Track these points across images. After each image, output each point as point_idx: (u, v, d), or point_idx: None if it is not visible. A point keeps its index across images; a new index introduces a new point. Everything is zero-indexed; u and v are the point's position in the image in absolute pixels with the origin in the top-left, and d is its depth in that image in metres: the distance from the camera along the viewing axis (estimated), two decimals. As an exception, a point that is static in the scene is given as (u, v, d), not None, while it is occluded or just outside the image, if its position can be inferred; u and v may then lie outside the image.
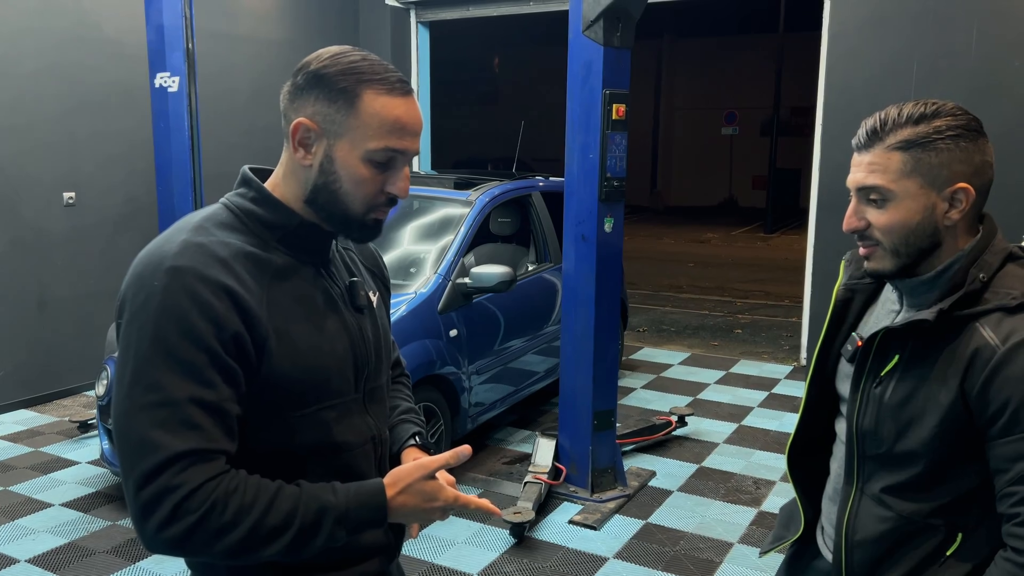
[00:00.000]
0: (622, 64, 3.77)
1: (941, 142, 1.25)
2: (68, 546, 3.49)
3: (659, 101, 23.21)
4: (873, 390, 1.37)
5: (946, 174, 1.26)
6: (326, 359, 1.20)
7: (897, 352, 1.34)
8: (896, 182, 1.28)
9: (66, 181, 5.36)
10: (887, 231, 1.30)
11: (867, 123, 1.32)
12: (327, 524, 1.11)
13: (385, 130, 1.15)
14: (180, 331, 1.06)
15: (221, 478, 1.07)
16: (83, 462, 4.36)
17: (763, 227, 17.71)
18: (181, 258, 1.10)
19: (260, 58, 6.58)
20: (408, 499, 1.16)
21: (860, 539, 1.40)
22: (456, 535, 3.62)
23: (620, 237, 3.96)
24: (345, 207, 1.19)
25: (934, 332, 1.29)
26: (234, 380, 1.10)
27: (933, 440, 1.28)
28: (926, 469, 1.31)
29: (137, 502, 1.05)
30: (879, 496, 1.38)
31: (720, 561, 3.44)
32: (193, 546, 1.06)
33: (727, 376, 6.18)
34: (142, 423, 1.05)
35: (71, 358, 5.44)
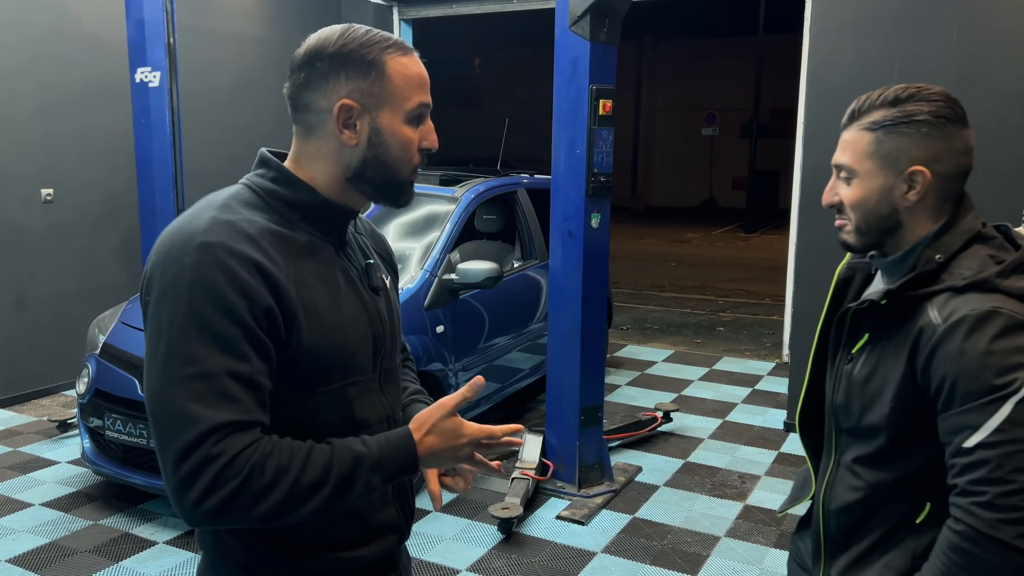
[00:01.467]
0: (608, 60, 3.78)
1: (904, 126, 1.31)
2: (49, 546, 3.44)
3: (640, 102, 23.32)
4: (844, 367, 1.45)
5: (904, 158, 1.32)
6: (350, 336, 1.22)
7: (867, 331, 1.41)
8: (859, 161, 1.36)
9: (44, 177, 5.28)
10: (852, 207, 1.39)
11: (852, 104, 1.40)
12: (363, 472, 1.13)
13: (414, 88, 1.21)
14: (214, 305, 1.06)
15: (256, 444, 1.08)
16: (63, 461, 4.30)
17: (743, 227, 17.85)
18: (211, 234, 1.10)
19: (242, 55, 6.53)
20: (434, 439, 1.18)
21: (835, 507, 1.47)
22: (444, 531, 3.61)
23: (607, 233, 3.97)
24: (396, 173, 1.23)
25: (894, 312, 1.35)
26: (266, 354, 1.11)
27: (891, 415, 1.35)
28: (888, 442, 1.37)
29: (176, 475, 1.05)
30: (851, 466, 1.45)
31: (707, 554, 3.46)
32: (235, 513, 1.06)
33: (710, 373, 6.22)
34: (179, 396, 1.05)
35: (49, 357, 5.36)
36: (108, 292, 5.60)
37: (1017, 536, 1.20)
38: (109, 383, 3.65)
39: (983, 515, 1.22)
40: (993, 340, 1.23)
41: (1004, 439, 1.21)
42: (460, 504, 3.87)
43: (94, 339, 3.95)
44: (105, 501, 3.85)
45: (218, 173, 6.20)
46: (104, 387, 3.65)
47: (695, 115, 22.42)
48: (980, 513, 1.23)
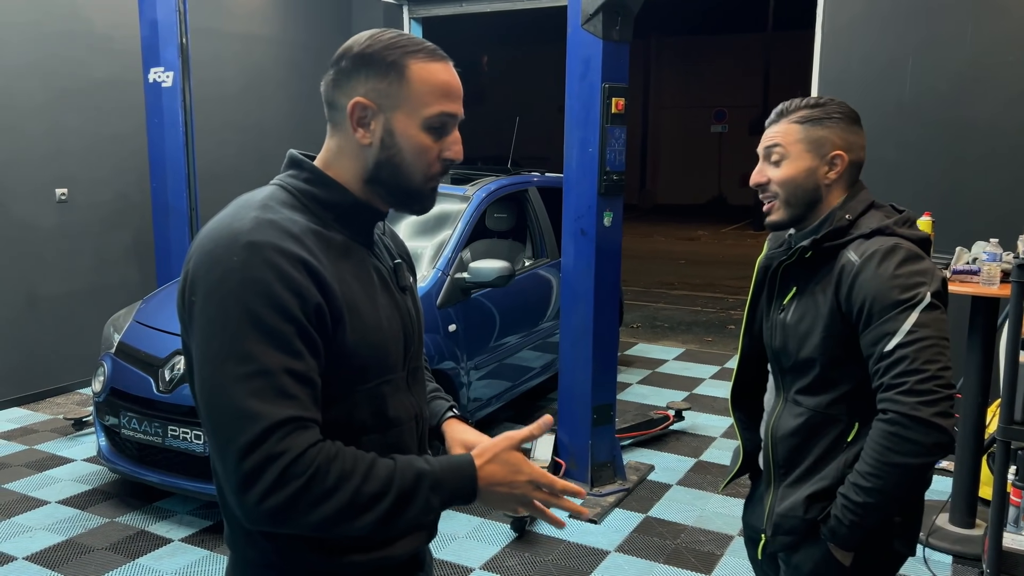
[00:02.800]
0: (621, 58, 3.78)
1: (828, 120, 1.66)
2: (66, 543, 3.46)
3: (647, 99, 23.27)
4: (778, 316, 1.74)
5: (828, 144, 1.66)
6: (386, 335, 1.22)
7: (794, 284, 1.72)
8: (792, 144, 1.67)
9: (58, 177, 5.31)
10: (782, 183, 1.68)
11: (777, 107, 1.72)
12: (423, 490, 1.12)
13: (437, 95, 1.19)
14: (267, 303, 1.06)
15: (321, 445, 1.07)
16: (79, 459, 4.33)
17: (753, 225, 17.80)
18: (257, 233, 1.10)
19: (253, 54, 6.55)
20: (496, 469, 1.18)
21: (781, 435, 1.73)
22: (457, 529, 3.61)
23: (619, 231, 3.97)
24: (408, 178, 1.21)
25: (817, 263, 1.66)
26: (317, 351, 1.11)
27: (822, 345, 1.63)
28: (822, 370, 1.65)
29: (239, 472, 1.04)
30: (794, 397, 1.72)
31: (721, 553, 3.46)
32: (296, 514, 1.05)
33: (722, 371, 6.20)
34: (238, 394, 1.05)
35: (63, 356, 5.39)
36: (121, 291, 5.63)
37: (935, 414, 1.48)
38: (124, 382, 3.67)
39: (906, 400, 1.49)
40: (899, 266, 1.55)
41: (916, 338, 1.50)
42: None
43: (109, 338, 3.97)
44: (121, 499, 3.87)
45: (230, 172, 6.25)
46: (119, 386, 3.68)
47: (704, 112, 22.36)
48: (903, 399, 1.49)
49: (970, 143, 4.51)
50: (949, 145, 4.56)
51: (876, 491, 1.54)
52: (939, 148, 4.57)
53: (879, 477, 1.53)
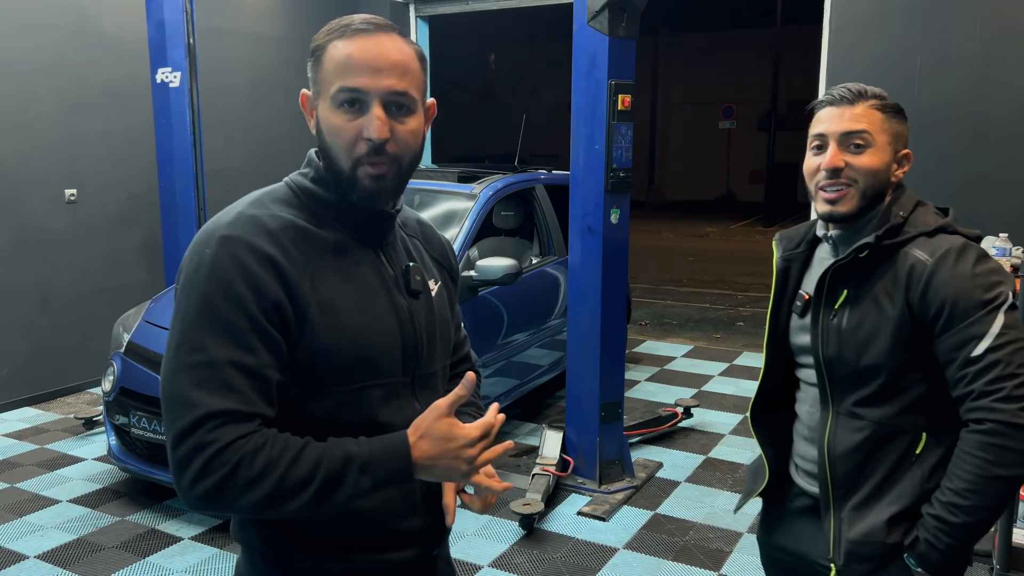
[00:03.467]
0: (627, 54, 3.77)
1: (899, 115, 1.59)
2: (77, 542, 3.48)
3: (656, 96, 23.21)
4: (830, 322, 1.59)
5: (902, 140, 1.59)
6: (372, 337, 1.20)
7: (844, 287, 1.57)
8: (878, 133, 1.55)
9: (67, 178, 5.34)
10: (864, 172, 1.55)
11: (846, 85, 1.58)
12: (351, 473, 1.11)
13: (340, 71, 1.15)
14: (224, 296, 1.10)
15: (250, 435, 1.09)
16: (89, 459, 4.35)
17: (761, 221, 17.74)
18: (232, 228, 1.14)
19: (260, 54, 6.57)
20: (428, 444, 1.14)
21: (840, 452, 1.58)
22: (466, 527, 3.62)
23: (626, 229, 3.96)
24: (335, 163, 1.18)
25: (872, 264, 1.54)
26: (275, 347, 1.12)
27: (890, 351, 1.50)
28: (888, 378, 1.52)
29: (174, 457, 1.09)
30: (851, 410, 1.57)
31: (730, 551, 3.45)
32: (224, 500, 1.08)
33: (731, 368, 6.19)
34: (183, 382, 1.09)
35: (74, 355, 5.43)
36: (131, 291, 5.66)
37: None
38: (134, 381, 3.69)
39: (1005, 407, 1.38)
40: (975, 264, 1.45)
41: (1006, 341, 1.40)
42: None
43: (119, 337, 3.99)
44: (131, 497, 3.90)
45: (237, 172, 6.26)
46: (129, 385, 3.70)
47: (712, 108, 22.28)
48: (1002, 407, 1.38)
49: (979, 140, 4.48)
50: (958, 142, 4.53)
51: (977, 508, 1.40)
52: (948, 145, 4.55)
53: (980, 493, 1.40)
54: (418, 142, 1.21)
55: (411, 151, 1.20)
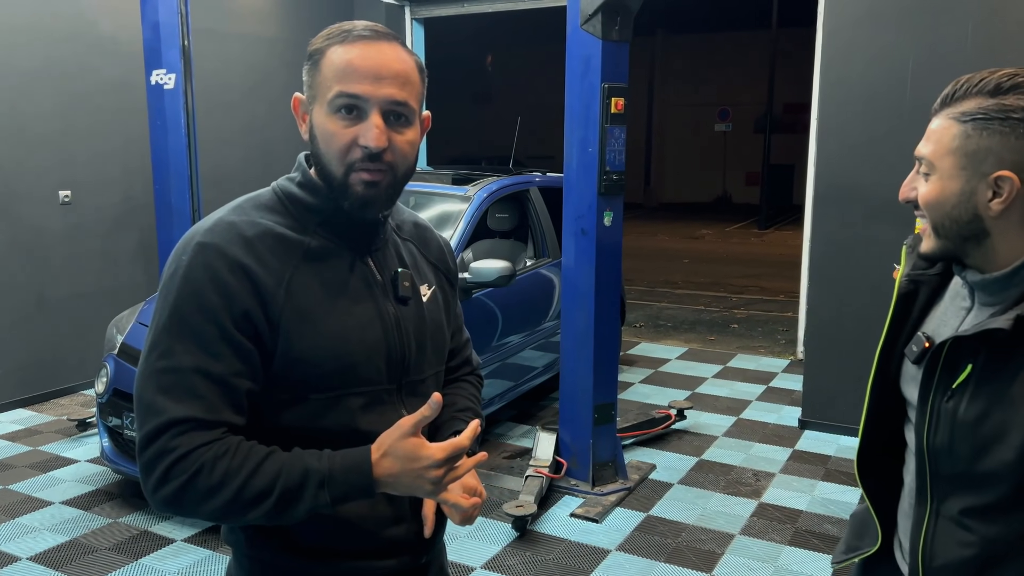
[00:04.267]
0: (620, 58, 3.78)
1: (999, 123, 1.11)
2: (69, 543, 3.48)
3: (652, 98, 23.25)
4: (944, 404, 1.22)
5: (992, 160, 1.12)
6: (352, 345, 1.18)
7: (969, 361, 1.19)
8: (940, 157, 1.17)
9: (62, 179, 5.34)
10: (927, 206, 1.21)
11: (948, 87, 1.20)
12: (310, 487, 1.10)
13: (339, 76, 1.13)
14: (194, 304, 1.11)
15: (213, 444, 1.09)
16: (82, 460, 4.35)
17: (757, 223, 17.77)
18: (209, 235, 1.14)
19: (256, 55, 6.57)
20: (391, 463, 1.11)
21: (940, 565, 1.26)
22: (458, 529, 3.62)
23: (619, 231, 3.97)
24: (328, 170, 1.17)
25: (1012, 339, 1.13)
26: (244, 356, 1.12)
27: (1017, 461, 1.13)
28: (1013, 492, 1.16)
29: (140, 461, 1.11)
30: (959, 519, 1.23)
31: (722, 552, 3.46)
32: (185, 505, 1.10)
33: (725, 370, 6.20)
34: (151, 387, 1.11)
35: (68, 357, 5.42)
36: (125, 292, 5.66)
37: None
38: (127, 383, 3.69)
39: None
40: None
41: None
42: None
43: (112, 339, 3.99)
44: (124, 499, 3.89)
45: (233, 173, 6.26)
46: (122, 387, 3.69)
47: (708, 110, 22.33)
48: None
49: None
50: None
51: None
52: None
53: None
54: (414, 153, 1.20)
55: (407, 162, 1.18)
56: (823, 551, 3.46)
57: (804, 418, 4.93)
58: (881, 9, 4.52)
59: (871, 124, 4.57)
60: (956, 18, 4.33)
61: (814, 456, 4.44)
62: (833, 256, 4.76)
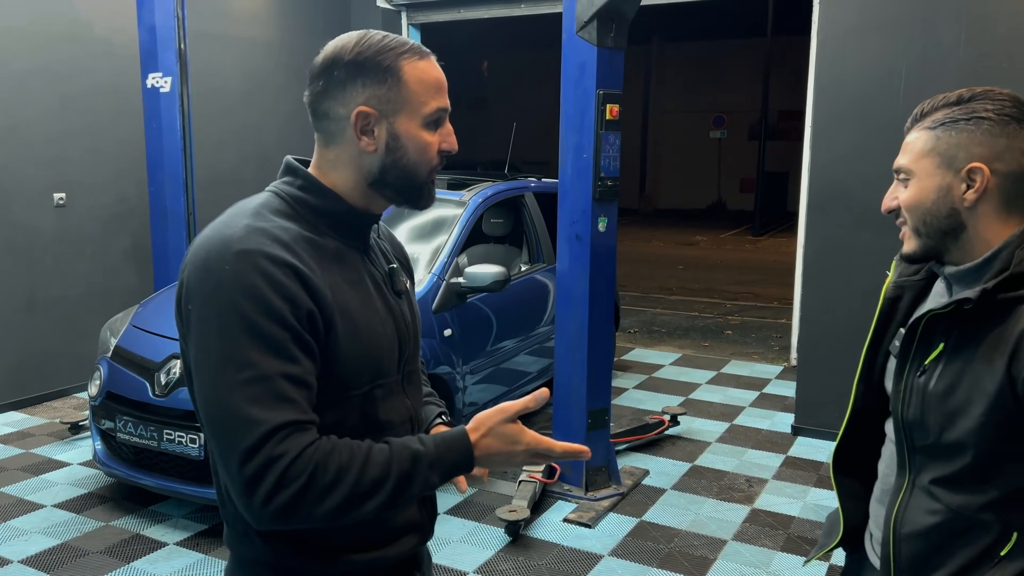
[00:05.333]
0: (615, 64, 3.80)
1: (965, 123, 1.25)
2: (61, 547, 3.47)
3: (648, 104, 23.31)
4: (917, 379, 1.32)
5: (962, 155, 1.25)
6: (380, 339, 1.24)
7: (942, 340, 1.29)
8: (916, 161, 1.30)
9: (56, 182, 5.33)
10: (907, 208, 1.32)
11: (916, 109, 1.35)
12: (422, 469, 1.15)
13: (432, 92, 1.23)
14: (260, 310, 1.09)
15: (317, 443, 1.10)
16: (75, 463, 4.34)
17: (751, 230, 17.82)
18: (247, 241, 1.12)
19: (251, 59, 6.57)
20: (492, 441, 1.19)
21: (908, 532, 1.34)
22: (452, 533, 3.62)
23: (614, 236, 3.98)
24: (414, 176, 1.24)
25: (980, 316, 1.24)
26: (313, 355, 1.14)
27: (980, 430, 1.22)
28: (975, 461, 1.24)
29: (242, 477, 1.07)
30: (928, 488, 1.32)
31: (714, 558, 3.47)
32: (302, 511, 1.08)
33: (718, 376, 6.21)
34: (238, 401, 1.08)
35: (61, 360, 5.41)
36: (119, 295, 5.65)
37: None
38: (120, 386, 3.68)
39: None
40: None
41: None
42: (467, 506, 3.89)
43: (106, 342, 3.99)
44: (116, 503, 3.88)
45: (228, 176, 6.26)
46: (115, 390, 3.69)
47: (703, 117, 22.40)
48: None
49: (964, 149, 4.52)
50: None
51: None
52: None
53: None
54: None
55: None
56: (815, 557, 3.47)
57: (797, 424, 4.94)
58: (873, 18, 4.55)
59: (864, 132, 4.60)
60: (947, 27, 4.36)
61: (806, 462, 4.46)
62: (826, 263, 4.78)
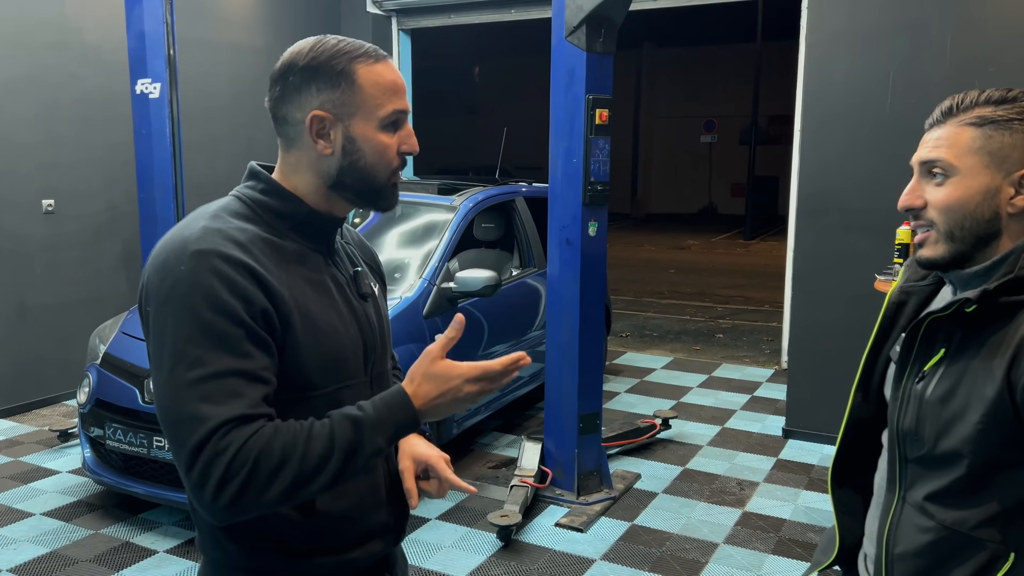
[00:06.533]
0: (605, 69, 3.81)
1: (1019, 123, 1.18)
2: (50, 555, 3.45)
3: (639, 109, 23.38)
4: (915, 386, 1.26)
5: (1017, 156, 1.18)
6: (343, 340, 1.25)
7: (943, 345, 1.23)
8: (961, 157, 1.20)
9: (45, 188, 5.31)
10: (943, 210, 1.21)
11: (943, 103, 1.25)
12: (366, 434, 1.14)
13: (388, 95, 1.23)
14: (213, 308, 1.10)
15: (260, 431, 1.10)
16: (64, 471, 4.31)
17: (742, 234, 17.88)
18: (203, 242, 1.14)
19: (241, 65, 6.57)
20: (428, 386, 1.18)
21: (901, 552, 1.28)
22: (443, 539, 3.62)
23: (604, 241, 3.99)
24: (373, 178, 1.25)
25: (982, 320, 1.19)
26: (269, 351, 1.14)
27: (976, 438, 1.16)
28: (969, 471, 1.19)
29: (191, 476, 1.08)
30: (921, 504, 1.25)
31: (706, 561, 3.47)
32: (251, 498, 1.08)
33: (709, 380, 6.23)
34: (188, 400, 1.08)
35: (51, 367, 5.38)
36: (109, 302, 5.62)
37: None
38: (110, 393, 3.67)
39: None
40: None
41: None
42: (459, 512, 3.89)
43: (95, 349, 3.97)
44: (106, 510, 3.86)
45: (218, 182, 6.22)
46: (105, 397, 3.67)
47: (694, 122, 22.48)
48: None
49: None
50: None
51: None
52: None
53: None
54: None
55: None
56: (806, 560, 3.48)
57: (788, 427, 4.96)
58: (861, 24, 4.58)
59: (852, 136, 4.63)
60: (934, 33, 4.40)
61: (798, 465, 4.47)
62: (815, 267, 4.80)
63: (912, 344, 1.28)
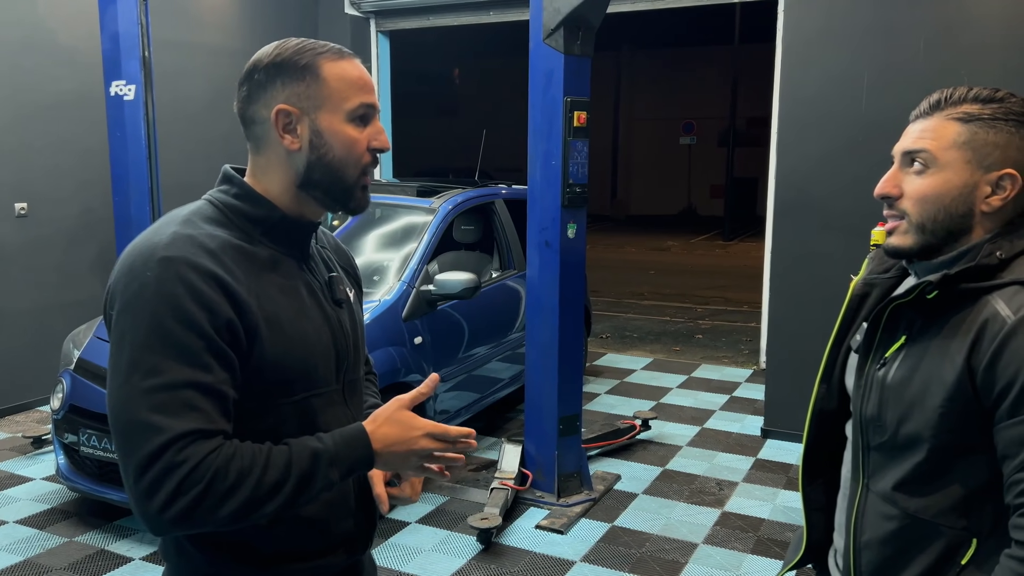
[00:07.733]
0: (583, 72, 3.82)
1: (1004, 124, 1.20)
2: (24, 563, 3.39)
3: (618, 111, 23.49)
4: (876, 373, 1.28)
5: (998, 156, 1.20)
6: (313, 348, 1.23)
7: (904, 332, 1.25)
8: (944, 150, 1.21)
9: (18, 191, 5.23)
10: (919, 200, 1.23)
11: (932, 96, 1.27)
12: (322, 467, 1.14)
13: (355, 88, 1.22)
14: (175, 317, 1.08)
15: (219, 449, 1.09)
16: (38, 478, 4.25)
17: (721, 235, 18.01)
18: (172, 248, 1.12)
19: (218, 66, 6.51)
20: (389, 430, 1.19)
21: (867, 540, 1.30)
22: (423, 543, 3.60)
23: (583, 243, 4.00)
24: (341, 175, 1.23)
25: (943, 307, 1.20)
26: (229, 365, 1.13)
27: (937, 422, 1.17)
28: (930, 456, 1.20)
29: (140, 485, 1.06)
30: (885, 492, 1.27)
31: (685, 561, 3.48)
32: (200, 516, 1.07)
33: (689, 380, 6.26)
34: (142, 408, 1.07)
35: (24, 373, 5.30)
36: (84, 306, 5.55)
37: None
38: (84, 398, 3.62)
39: None
40: None
41: None
42: (439, 515, 3.87)
43: (68, 354, 3.91)
44: (80, 518, 3.81)
45: (195, 185, 6.15)
46: (79, 402, 3.62)
47: (673, 124, 22.61)
48: None
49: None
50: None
51: None
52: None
53: None
54: None
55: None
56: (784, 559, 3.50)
57: (766, 427, 4.99)
58: (837, 27, 4.63)
59: (828, 138, 4.67)
60: (908, 37, 4.46)
61: (776, 465, 4.50)
62: (793, 267, 4.85)
63: (875, 332, 1.30)
